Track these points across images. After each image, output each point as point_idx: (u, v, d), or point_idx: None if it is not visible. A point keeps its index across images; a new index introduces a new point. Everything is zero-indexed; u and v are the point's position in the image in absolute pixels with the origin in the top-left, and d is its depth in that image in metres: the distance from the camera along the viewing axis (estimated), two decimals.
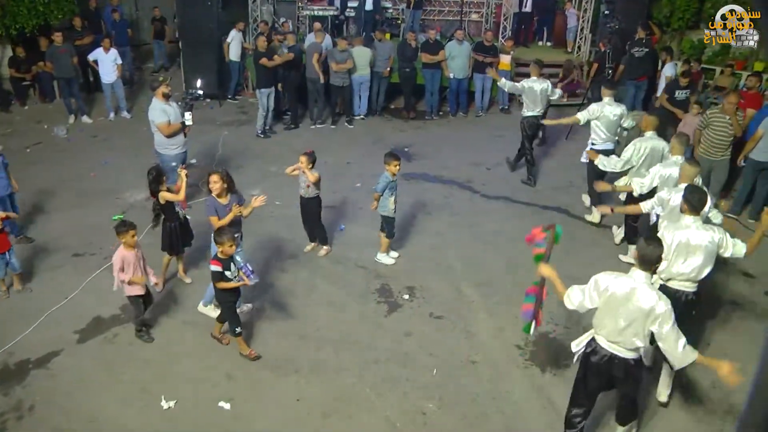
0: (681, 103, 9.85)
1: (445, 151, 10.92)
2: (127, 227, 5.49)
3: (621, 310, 4.11)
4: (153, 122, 7.89)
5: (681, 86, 9.91)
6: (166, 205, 6.39)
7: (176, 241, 6.53)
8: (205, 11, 12.26)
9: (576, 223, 8.46)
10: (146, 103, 12.96)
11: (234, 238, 5.24)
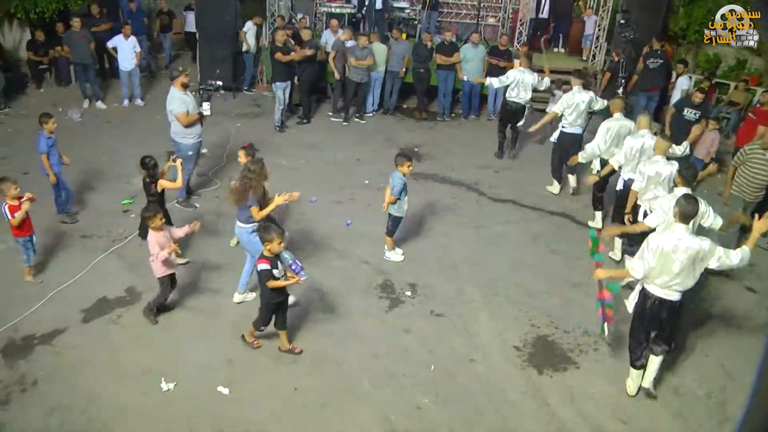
0: (687, 123, 9.15)
1: (454, 153, 10.98)
2: (153, 212, 5.62)
3: (673, 260, 4.85)
4: (171, 112, 7.95)
5: (693, 104, 9.33)
6: (161, 193, 6.59)
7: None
8: (222, 3, 12.36)
9: (582, 229, 8.46)
10: (160, 91, 13.15)
11: (282, 235, 5.14)
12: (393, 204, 6.96)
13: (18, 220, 6.06)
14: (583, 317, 6.49)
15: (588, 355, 5.95)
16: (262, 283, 5.21)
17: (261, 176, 5.84)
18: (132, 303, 6.16)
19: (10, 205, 6.05)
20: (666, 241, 4.91)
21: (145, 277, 6.56)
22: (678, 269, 4.89)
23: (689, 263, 4.88)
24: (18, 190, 6.09)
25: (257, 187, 5.81)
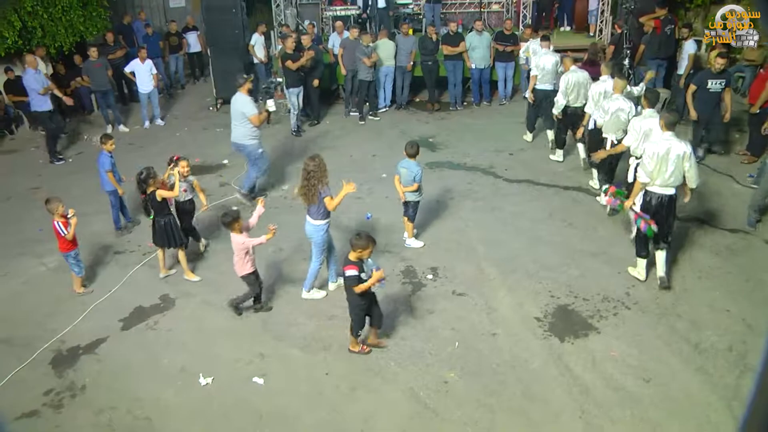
0: (714, 96, 8.92)
1: (468, 140, 11.14)
2: (232, 218, 6.05)
3: (667, 160, 6.08)
4: (244, 114, 8.46)
5: (715, 74, 8.86)
6: (162, 202, 6.81)
7: (171, 233, 6.89)
8: (230, 18, 12.70)
9: (595, 201, 8.57)
10: (178, 111, 13.63)
11: (372, 241, 5.34)
12: (415, 191, 7.23)
13: (71, 234, 6.57)
14: (601, 284, 6.65)
15: (608, 320, 6.09)
16: (349, 289, 5.36)
17: (322, 170, 6.16)
18: (167, 309, 6.51)
19: (63, 221, 6.57)
20: (660, 146, 6.14)
21: (176, 285, 6.93)
22: (672, 167, 6.13)
23: (679, 162, 6.12)
24: (64, 209, 6.58)
25: (322, 180, 6.14)
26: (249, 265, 6.19)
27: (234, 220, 6.05)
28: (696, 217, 8.05)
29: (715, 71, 8.91)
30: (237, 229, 6.06)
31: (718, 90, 8.96)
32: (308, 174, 6.12)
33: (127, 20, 14.58)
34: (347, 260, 5.30)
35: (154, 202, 6.78)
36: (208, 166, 10.41)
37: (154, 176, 6.77)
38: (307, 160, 6.22)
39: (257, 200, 6.92)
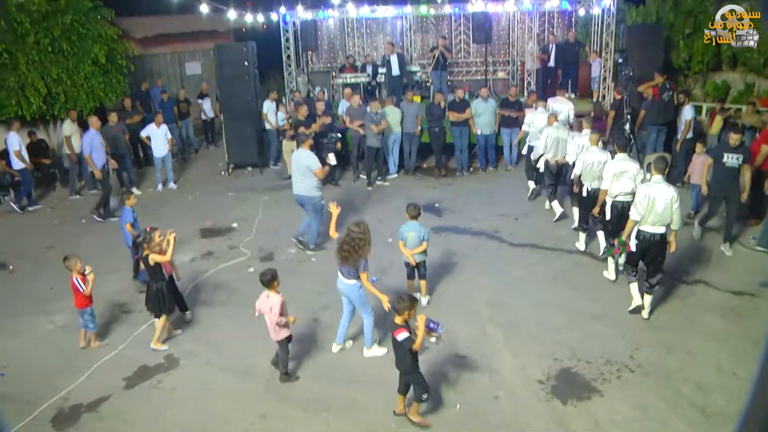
0: (730, 170, 8.44)
1: (474, 205, 11.31)
2: (271, 276, 6.03)
3: (658, 203, 6.76)
4: (310, 168, 8.96)
5: (731, 148, 8.42)
6: (154, 266, 6.82)
7: (163, 300, 6.85)
8: (243, 85, 13.20)
9: (600, 265, 8.65)
10: (191, 175, 13.97)
11: (414, 300, 5.34)
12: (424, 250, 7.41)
13: (89, 290, 6.77)
14: (604, 347, 6.64)
15: (611, 383, 6.05)
16: (407, 352, 5.25)
17: (366, 238, 6.23)
18: (171, 369, 6.55)
19: (81, 278, 6.77)
20: (651, 190, 6.86)
21: (180, 345, 7.00)
22: (661, 209, 6.79)
23: (668, 204, 6.76)
24: (82, 265, 6.80)
25: (365, 248, 6.20)
26: (286, 330, 6.17)
27: (273, 278, 6.03)
28: (700, 280, 8.10)
29: (733, 146, 8.45)
30: (275, 288, 6.06)
31: (734, 165, 8.44)
32: (352, 240, 6.16)
33: (144, 87, 15.20)
34: (394, 325, 5.24)
35: (148, 266, 6.81)
36: (218, 229, 10.61)
37: (149, 240, 6.82)
38: (353, 226, 6.27)
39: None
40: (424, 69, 16.54)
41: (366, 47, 17.42)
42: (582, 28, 16.39)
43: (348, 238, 6.18)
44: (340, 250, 6.24)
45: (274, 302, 6.02)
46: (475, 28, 15.01)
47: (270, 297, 6.07)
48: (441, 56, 15.09)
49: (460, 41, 17.19)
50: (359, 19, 16.91)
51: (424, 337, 5.20)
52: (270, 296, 6.07)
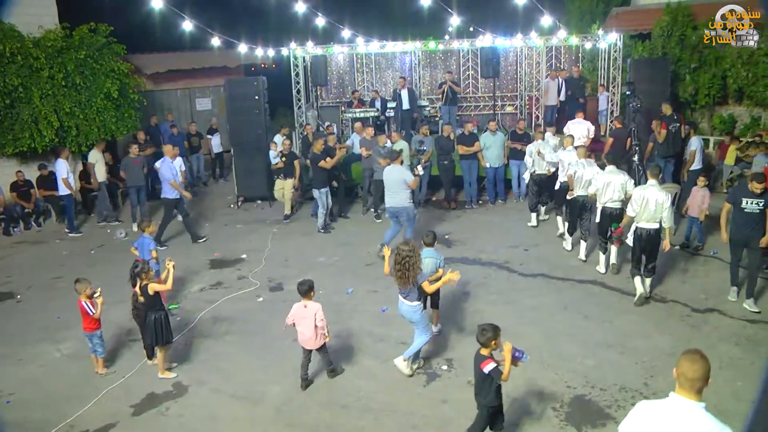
0: (751, 217, 7.74)
1: (484, 237, 11.26)
2: (309, 287, 6.40)
3: (650, 203, 7.92)
4: (406, 181, 9.68)
5: (754, 194, 7.69)
6: (154, 296, 6.70)
7: (161, 329, 6.69)
8: (253, 119, 13.35)
9: (612, 294, 8.60)
10: (201, 207, 14.02)
11: (497, 328, 5.06)
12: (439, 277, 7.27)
13: (99, 313, 6.78)
14: (618, 375, 6.53)
15: (626, 410, 5.82)
16: (492, 384, 5.04)
17: (416, 255, 6.28)
18: (179, 396, 6.47)
19: (90, 301, 6.77)
20: (645, 192, 8.03)
21: (189, 372, 6.94)
22: (653, 208, 7.93)
23: (659, 206, 7.88)
24: (91, 290, 6.81)
25: (417, 265, 6.25)
26: (323, 337, 6.43)
27: (311, 288, 6.36)
28: (714, 308, 8.01)
29: (754, 192, 7.72)
30: (312, 297, 6.37)
31: (755, 210, 7.75)
32: (403, 259, 6.20)
33: (154, 121, 15.40)
34: (480, 357, 5.03)
35: (147, 296, 6.68)
36: (227, 260, 10.59)
37: (147, 270, 6.79)
38: (401, 246, 6.34)
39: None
40: (432, 104, 16.70)
41: (375, 82, 17.64)
42: (588, 63, 16.56)
43: (399, 258, 6.25)
44: (396, 272, 6.33)
45: (316, 309, 6.32)
46: (483, 63, 15.22)
47: (308, 306, 6.34)
48: (450, 90, 15.26)
49: (468, 76, 17.41)
50: (368, 54, 17.18)
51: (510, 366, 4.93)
52: (308, 305, 6.34)
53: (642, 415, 3.30)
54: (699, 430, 3.03)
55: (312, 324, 6.32)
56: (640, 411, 3.33)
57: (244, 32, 15.50)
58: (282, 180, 12.77)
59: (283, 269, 10.05)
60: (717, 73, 14.27)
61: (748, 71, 13.74)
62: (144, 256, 8.12)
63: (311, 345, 6.44)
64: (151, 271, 6.89)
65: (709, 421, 3.04)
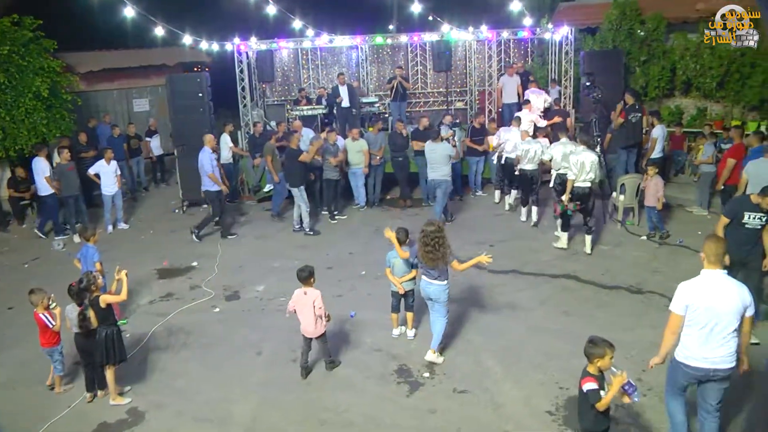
0: (751, 234, 6.60)
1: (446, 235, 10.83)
2: (309, 273, 6.21)
3: (586, 165, 9.12)
4: (450, 156, 10.82)
5: (754, 205, 6.56)
6: (106, 309, 5.93)
7: (113, 346, 5.92)
8: (198, 118, 12.54)
9: (588, 287, 8.34)
10: (143, 213, 13.12)
11: (611, 345, 4.28)
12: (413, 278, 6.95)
13: (59, 325, 6.16)
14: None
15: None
16: (589, 408, 4.29)
17: (444, 233, 6.27)
18: (135, 424, 5.76)
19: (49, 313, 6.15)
20: (580, 157, 9.18)
21: (146, 396, 6.23)
22: (589, 168, 9.15)
23: (593, 165, 9.17)
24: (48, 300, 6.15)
25: (445, 243, 6.25)
26: (323, 323, 6.29)
27: (311, 275, 6.21)
28: None
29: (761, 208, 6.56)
30: (311, 284, 6.21)
31: (757, 226, 6.61)
32: (432, 239, 6.16)
33: (92, 123, 14.33)
34: (584, 372, 4.33)
35: (98, 309, 5.90)
36: (177, 269, 9.81)
37: (95, 281, 6.00)
38: (426, 226, 6.27)
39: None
40: (381, 100, 16.23)
41: (321, 79, 17.04)
42: (538, 57, 16.46)
43: (427, 238, 6.18)
44: (425, 253, 6.23)
45: (315, 296, 6.16)
46: (435, 57, 14.84)
47: (308, 293, 6.19)
48: (400, 86, 14.82)
49: (417, 71, 17.03)
50: (314, 50, 16.57)
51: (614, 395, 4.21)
52: (308, 292, 6.19)
53: (689, 291, 4.56)
54: (731, 289, 4.49)
55: (312, 312, 6.16)
56: (686, 289, 4.58)
57: (185, 27, 14.56)
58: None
59: (239, 276, 9.37)
60: (666, 65, 14.39)
61: (696, 63, 13.89)
62: (87, 268, 7.31)
63: (312, 333, 6.28)
64: (99, 280, 6.11)
65: (734, 282, 4.57)
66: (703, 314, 4.47)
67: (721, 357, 4.50)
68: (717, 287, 4.49)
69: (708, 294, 4.48)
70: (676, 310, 4.59)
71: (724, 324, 4.43)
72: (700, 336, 4.51)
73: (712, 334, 4.47)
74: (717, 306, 4.44)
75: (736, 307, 4.43)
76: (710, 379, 4.60)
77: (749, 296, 4.49)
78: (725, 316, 4.43)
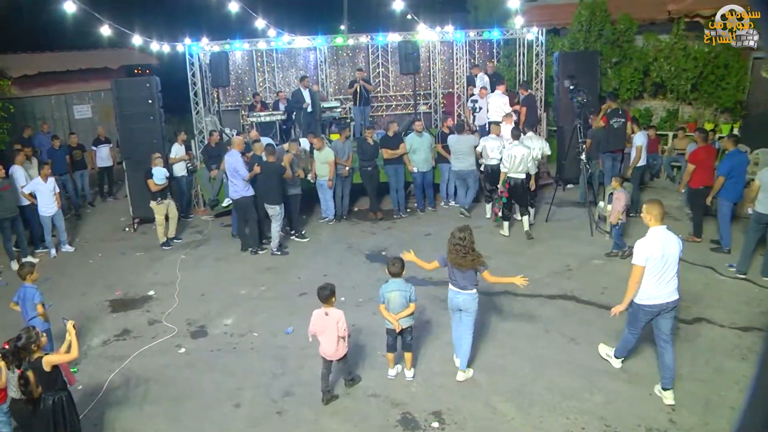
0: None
1: (425, 251, 9.86)
2: (331, 292, 5.79)
3: (517, 158, 9.82)
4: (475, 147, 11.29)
5: None
6: (51, 372, 4.86)
7: (62, 417, 4.90)
8: (147, 126, 11.42)
9: (589, 309, 7.75)
10: (89, 233, 11.87)
11: None
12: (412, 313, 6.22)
13: (4, 381, 5.14)
14: (636, 410, 5.66)
15: None
16: None
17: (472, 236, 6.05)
18: None
19: None
20: (513, 151, 9.87)
21: None
22: (520, 161, 9.81)
23: (525, 158, 9.84)
24: None
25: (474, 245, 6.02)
26: (345, 345, 5.91)
27: (333, 294, 5.82)
28: (700, 317, 7.36)
29: None
30: (333, 303, 5.82)
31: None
32: (463, 243, 5.94)
33: (27, 133, 12.93)
34: None
35: (42, 374, 4.83)
36: (132, 300, 8.71)
37: (36, 339, 4.88)
38: (456, 231, 6.05)
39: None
40: (342, 104, 15.37)
41: (277, 83, 16.04)
42: (504, 58, 15.90)
43: (459, 245, 5.93)
44: (456, 258, 5.95)
45: (338, 317, 5.79)
46: (402, 59, 14.04)
47: (330, 313, 5.78)
48: (363, 90, 14.04)
49: (378, 74, 16.23)
50: (269, 51, 15.55)
51: None
52: (329, 312, 5.79)
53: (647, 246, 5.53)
54: (673, 239, 5.59)
55: (335, 334, 5.75)
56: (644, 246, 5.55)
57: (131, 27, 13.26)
58: (167, 201, 10.69)
59: (202, 307, 8.37)
60: (639, 67, 14.04)
61: (670, 65, 13.56)
62: (27, 312, 6.23)
63: (332, 356, 5.88)
64: (42, 338, 5.06)
65: (673, 233, 5.67)
66: (659, 261, 5.50)
67: (670, 292, 5.61)
68: (665, 239, 5.56)
69: (660, 245, 5.52)
70: (639, 262, 5.56)
71: (671, 267, 5.55)
72: (656, 280, 5.54)
73: (663, 276, 5.55)
74: (667, 253, 5.51)
75: (678, 252, 5.58)
76: (663, 312, 5.66)
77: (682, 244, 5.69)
78: (672, 259, 5.54)
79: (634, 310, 5.80)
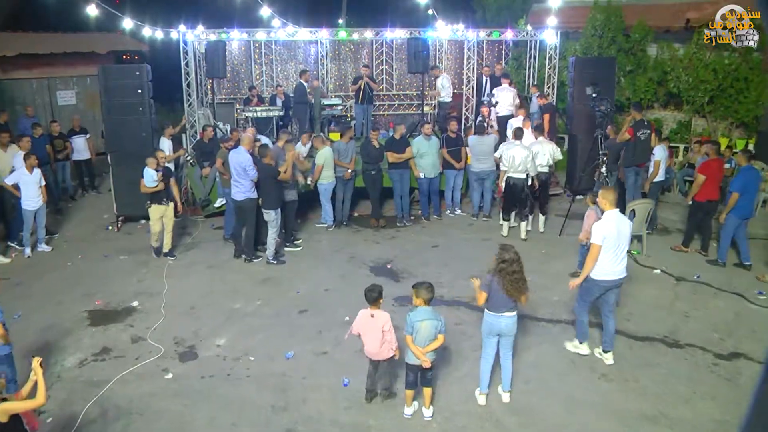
0: None
1: (434, 264, 9.39)
2: (379, 294, 5.59)
3: (516, 159, 9.89)
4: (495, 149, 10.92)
5: None
6: (8, 423, 4.07)
7: None
8: (136, 118, 10.59)
9: (618, 339, 7.06)
10: (69, 231, 11.00)
11: None
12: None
13: None
14: None
15: None
16: None
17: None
18: None
19: None
20: (511, 152, 9.92)
21: None
22: (519, 162, 9.84)
23: (524, 159, 9.86)
24: None
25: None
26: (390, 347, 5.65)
27: (380, 296, 5.60)
28: (737, 353, 6.79)
29: None
30: (380, 305, 5.62)
31: None
32: (521, 274, 5.56)
33: (3, 119, 12.00)
34: None
35: None
36: (114, 312, 7.87)
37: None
38: (505, 252, 5.62)
39: None
40: (343, 102, 14.62)
41: (275, 76, 15.23)
42: (513, 60, 15.23)
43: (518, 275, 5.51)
44: (512, 283, 5.50)
45: (384, 320, 5.59)
46: (411, 56, 13.29)
47: (376, 316, 5.58)
48: (367, 87, 13.31)
49: (382, 71, 15.49)
50: (268, 43, 14.74)
51: None
52: (376, 315, 5.58)
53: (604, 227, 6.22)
54: (626, 221, 6.43)
55: (379, 336, 5.56)
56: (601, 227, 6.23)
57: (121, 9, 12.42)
58: (163, 205, 9.61)
59: (192, 323, 7.57)
60: (654, 77, 13.46)
61: (689, 76, 12.98)
62: None
63: (376, 355, 5.70)
64: (0, 380, 4.25)
65: (625, 217, 6.57)
66: (614, 241, 6.16)
67: (621, 269, 6.34)
68: (619, 221, 6.26)
69: (615, 226, 6.19)
70: (597, 242, 6.18)
71: (623, 246, 6.25)
72: (610, 257, 6.19)
73: (616, 255, 6.23)
74: (621, 233, 6.20)
75: (629, 233, 6.37)
76: (613, 287, 6.43)
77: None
78: (624, 239, 6.26)
79: (589, 285, 6.40)
